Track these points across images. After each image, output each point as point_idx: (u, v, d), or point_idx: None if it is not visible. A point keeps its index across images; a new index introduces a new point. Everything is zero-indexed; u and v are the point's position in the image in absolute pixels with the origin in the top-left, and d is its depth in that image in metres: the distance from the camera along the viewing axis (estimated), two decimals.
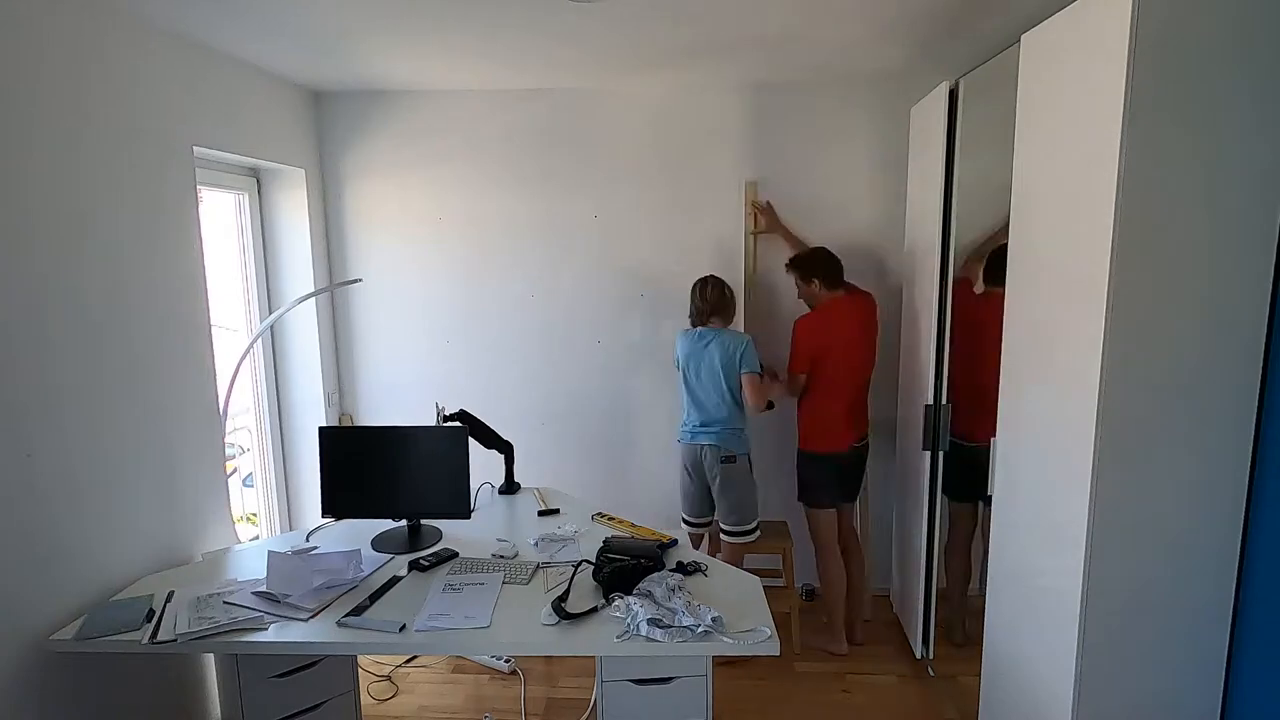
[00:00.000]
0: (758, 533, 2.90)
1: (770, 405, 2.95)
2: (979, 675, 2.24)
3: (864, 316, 2.89)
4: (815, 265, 2.86)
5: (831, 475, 2.91)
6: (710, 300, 2.86)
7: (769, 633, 1.77)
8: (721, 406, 2.81)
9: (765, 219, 3.13)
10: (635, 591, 1.92)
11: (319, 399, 3.25)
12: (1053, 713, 1.79)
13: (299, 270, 3.16)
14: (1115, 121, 1.51)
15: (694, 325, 2.91)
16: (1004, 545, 2.10)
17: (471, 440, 2.45)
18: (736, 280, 3.20)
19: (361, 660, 2.75)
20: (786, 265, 2.95)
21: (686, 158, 3.17)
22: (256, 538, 3.10)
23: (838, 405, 2.86)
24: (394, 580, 2.08)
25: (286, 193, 3.12)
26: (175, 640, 1.77)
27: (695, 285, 2.91)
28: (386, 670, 2.87)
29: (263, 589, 1.96)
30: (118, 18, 2.10)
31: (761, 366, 2.82)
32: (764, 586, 2.02)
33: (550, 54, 2.62)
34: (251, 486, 3.27)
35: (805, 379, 2.86)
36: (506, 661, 2.88)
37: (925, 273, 2.73)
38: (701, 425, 2.86)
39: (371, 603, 1.95)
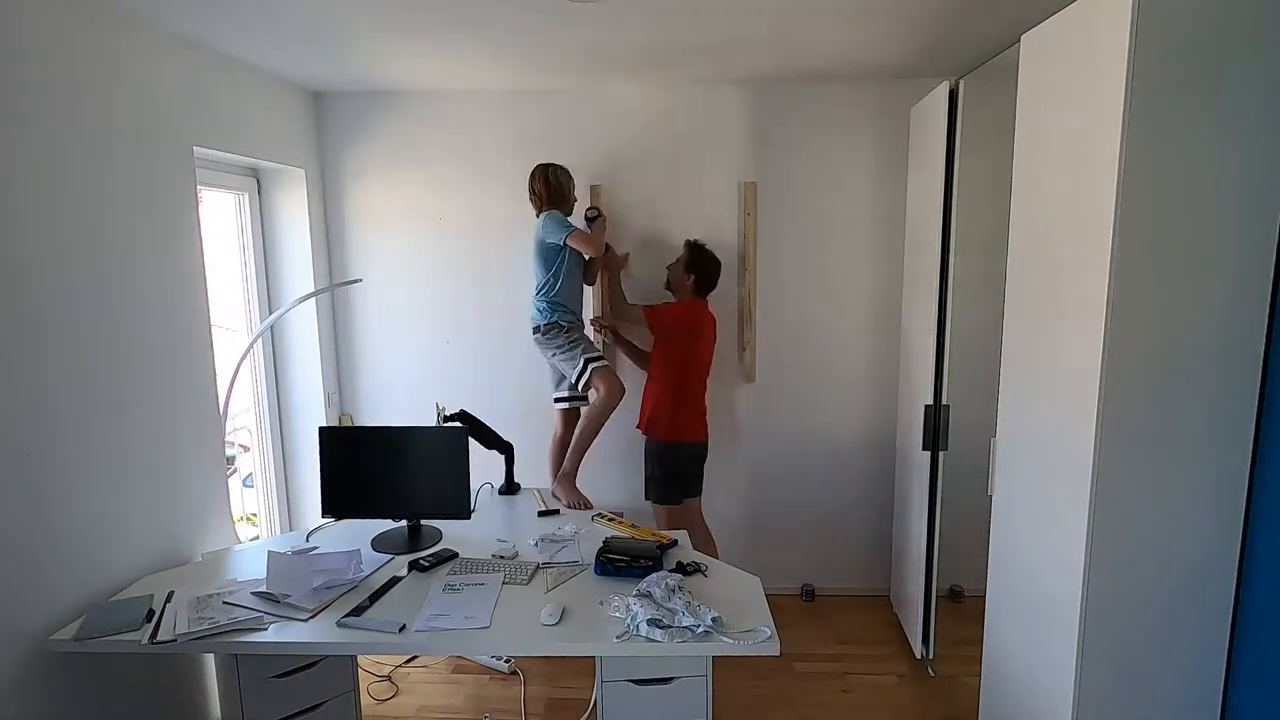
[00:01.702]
0: (586, 400, 3.02)
1: (608, 250, 3.05)
2: (979, 675, 2.24)
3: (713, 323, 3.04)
4: (703, 266, 2.94)
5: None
6: (538, 192, 2.93)
7: (769, 633, 1.77)
8: (536, 286, 2.94)
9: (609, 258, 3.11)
10: (635, 592, 1.92)
11: (319, 399, 3.25)
12: (1053, 713, 1.79)
13: (299, 270, 3.16)
14: (1115, 121, 1.51)
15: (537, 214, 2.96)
16: (1004, 546, 2.09)
17: (471, 440, 2.45)
18: (733, 280, 3.21)
19: (361, 660, 2.74)
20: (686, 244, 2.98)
21: (686, 157, 3.17)
22: (256, 538, 3.10)
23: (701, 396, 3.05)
24: (394, 580, 2.08)
25: (286, 193, 3.12)
26: (175, 640, 1.77)
27: (530, 175, 2.96)
28: (386, 670, 2.87)
29: (263, 589, 1.96)
30: (117, 18, 2.10)
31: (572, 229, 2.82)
32: None
33: (550, 54, 2.61)
34: (251, 486, 3.26)
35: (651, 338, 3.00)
36: (506, 661, 2.88)
37: (925, 273, 2.73)
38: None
39: (371, 603, 1.95)
